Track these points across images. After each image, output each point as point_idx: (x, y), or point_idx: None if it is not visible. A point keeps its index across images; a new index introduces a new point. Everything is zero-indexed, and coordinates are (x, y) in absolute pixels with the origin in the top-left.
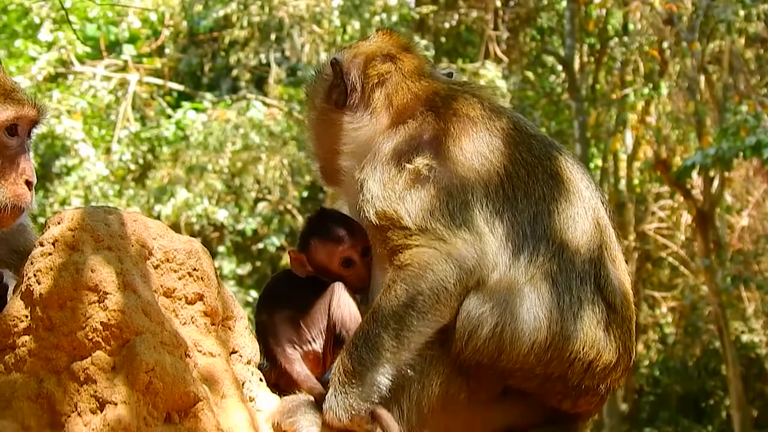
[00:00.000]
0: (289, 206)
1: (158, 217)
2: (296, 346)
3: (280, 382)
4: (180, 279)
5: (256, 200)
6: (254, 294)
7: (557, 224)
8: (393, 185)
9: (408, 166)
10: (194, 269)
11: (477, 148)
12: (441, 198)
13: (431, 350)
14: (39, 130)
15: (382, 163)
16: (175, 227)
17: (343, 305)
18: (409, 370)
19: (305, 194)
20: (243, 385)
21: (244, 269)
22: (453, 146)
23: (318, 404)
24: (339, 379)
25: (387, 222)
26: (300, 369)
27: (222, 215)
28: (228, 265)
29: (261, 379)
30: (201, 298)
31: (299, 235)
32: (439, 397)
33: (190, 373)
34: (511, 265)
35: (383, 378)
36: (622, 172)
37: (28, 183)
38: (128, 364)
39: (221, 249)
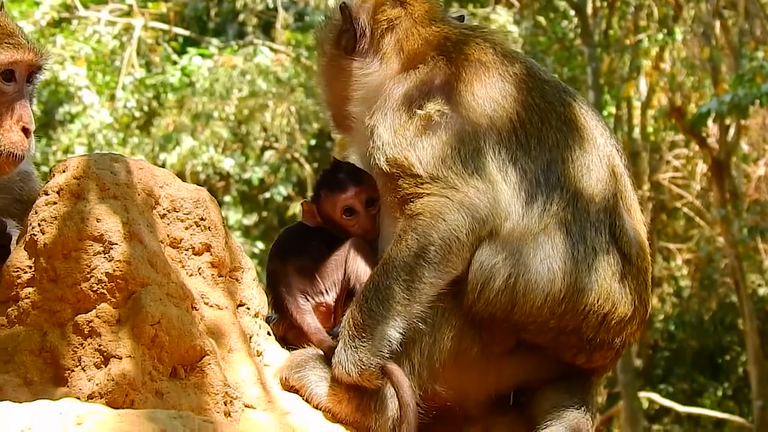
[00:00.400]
0: (297, 155)
1: (163, 166)
2: (308, 297)
3: (288, 335)
4: (187, 229)
5: (263, 148)
6: (261, 245)
7: (571, 172)
8: (404, 132)
9: (419, 112)
10: (201, 219)
11: (489, 93)
12: (453, 145)
13: (443, 303)
14: (42, 76)
15: (393, 109)
16: (181, 176)
17: (359, 259)
18: (420, 324)
19: (313, 142)
20: (250, 338)
21: (251, 219)
22: (465, 92)
23: (327, 358)
24: (349, 332)
25: (397, 169)
26: (311, 321)
27: (228, 164)
28: (234, 215)
29: (269, 333)
30: (208, 248)
31: (313, 187)
32: (451, 351)
33: (196, 326)
34: (525, 214)
35: (394, 331)
36: (636, 120)
37: (25, 130)
38: (133, 316)
39: (227, 198)
